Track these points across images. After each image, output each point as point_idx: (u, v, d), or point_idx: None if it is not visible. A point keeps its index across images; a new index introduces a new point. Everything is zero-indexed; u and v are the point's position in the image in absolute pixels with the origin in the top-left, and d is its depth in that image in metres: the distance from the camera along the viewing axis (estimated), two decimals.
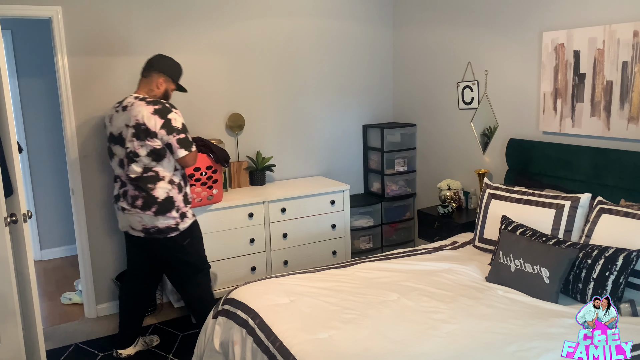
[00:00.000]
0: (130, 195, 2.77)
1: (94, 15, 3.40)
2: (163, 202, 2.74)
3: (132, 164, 2.72)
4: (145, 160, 2.71)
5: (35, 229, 4.78)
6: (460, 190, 3.86)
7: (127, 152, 2.73)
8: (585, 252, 2.45)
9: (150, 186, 2.72)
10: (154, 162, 2.72)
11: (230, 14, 3.81)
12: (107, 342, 3.29)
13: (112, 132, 2.83)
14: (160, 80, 2.86)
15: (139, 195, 2.74)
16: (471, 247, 3.16)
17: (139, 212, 2.74)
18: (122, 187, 2.83)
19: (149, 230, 2.78)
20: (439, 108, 4.12)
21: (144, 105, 2.71)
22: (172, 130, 2.70)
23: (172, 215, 2.76)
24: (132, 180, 2.75)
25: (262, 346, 2.19)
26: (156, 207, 2.73)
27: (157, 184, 2.73)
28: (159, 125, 2.68)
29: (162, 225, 2.76)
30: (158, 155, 2.71)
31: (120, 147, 2.77)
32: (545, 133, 3.33)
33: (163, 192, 2.74)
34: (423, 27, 4.18)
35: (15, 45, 4.52)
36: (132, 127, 2.70)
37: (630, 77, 2.81)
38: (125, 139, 2.73)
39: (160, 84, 2.86)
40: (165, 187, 2.74)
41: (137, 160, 2.71)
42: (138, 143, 2.69)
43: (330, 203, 3.84)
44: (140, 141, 2.69)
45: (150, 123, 2.67)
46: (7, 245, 2.32)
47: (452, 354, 1.97)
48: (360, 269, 2.84)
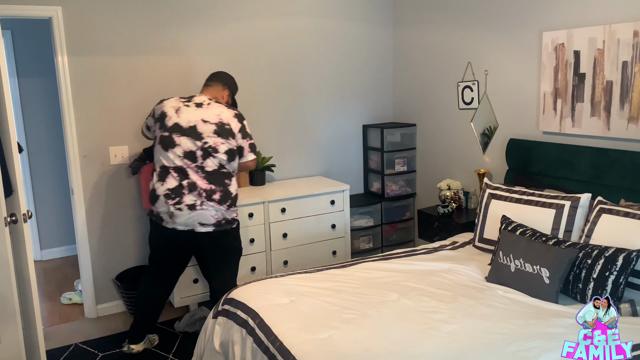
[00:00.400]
0: (204, 189, 2.83)
1: (94, 15, 3.40)
2: (234, 197, 2.96)
3: (207, 158, 2.85)
4: (222, 157, 2.87)
5: (35, 229, 4.78)
6: (460, 190, 3.86)
7: (205, 146, 2.84)
8: (585, 252, 2.45)
9: (227, 182, 2.91)
10: (227, 161, 2.90)
11: (230, 14, 3.81)
12: (107, 342, 3.29)
13: (178, 123, 2.87)
14: (225, 93, 3.13)
15: (216, 189, 2.85)
16: (471, 247, 3.16)
17: (216, 206, 2.85)
18: (183, 179, 2.83)
19: (220, 223, 2.90)
20: (439, 108, 4.12)
21: (224, 108, 2.95)
22: (246, 135, 2.97)
23: (234, 208, 2.99)
24: (207, 174, 2.85)
25: (262, 346, 2.19)
26: (230, 201, 2.92)
27: (232, 180, 2.95)
28: (237, 128, 2.92)
29: (230, 217, 2.96)
30: (232, 155, 2.92)
31: (191, 140, 2.84)
32: (545, 133, 3.33)
33: (234, 188, 2.96)
34: (423, 27, 4.18)
35: (15, 45, 4.52)
36: (214, 124, 2.87)
37: (630, 77, 2.81)
38: (201, 134, 2.85)
39: (224, 96, 3.13)
40: (235, 184, 2.97)
41: (215, 155, 2.86)
42: (220, 140, 2.86)
43: (330, 203, 3.84)
44: (222, 139, 2.87)
45: (232, 124, 2.91)
46: (7, 245, 2.32)
47: (452, 354, 1.97)
48: (360, 269, 2.84)
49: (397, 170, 4.37)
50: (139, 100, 3.60)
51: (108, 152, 3.56)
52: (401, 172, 4.39)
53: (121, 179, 3.62)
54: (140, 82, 3.59)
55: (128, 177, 3.64)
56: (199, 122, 2.86)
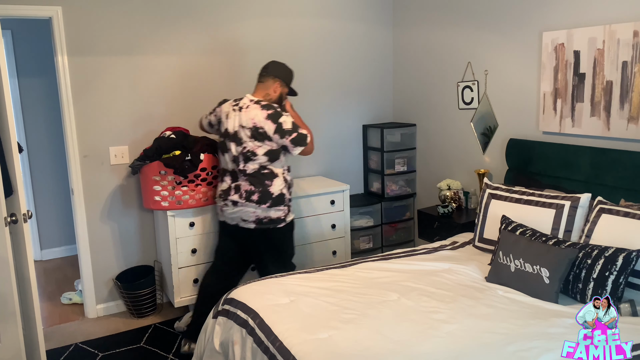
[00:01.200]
0: (245, 190, 2.97)
1: (94, 15, 3.40)
2: (277, 197, 2.99)
3: (248, 162, 2.97)
4: (262, 159, 2.97)
5: (35, 229, 4.78)
6: (460, 190, 3.86)
7: (244, 151, 2.96)
8: (585, 252, 2.45)
9: (267, 182, 2.97)
10: (269, 162, 2.98)
11: (230, 14, 3.81)
12: (107, 342, 3.29)
13: (227, 128, 3.04)
14: (276, 85, 3.10)
15: (254, 190, 2.97)
16: (471, 247, 3.16)
17: (254, 205, 2.97)
18: (234, 181, 3.02)
19: (261, 221, 3.00)
20: (439, 108, 4.12)
21: (259, 109, 2.96)
22: (285, 133, 2.94)
23: (281, 208, 3.02)
24: (248, 176, 2.98)
25: (262, 346, 2.19)
26: (270, 201, 2.98)
27: (274, 181, 2.99)
28: (272, 130, 2.93)
29: (274, 215, 3.01)
30: (274, 155, 2.98)
31: (235, 145, 2.99)
32: (545, 133, 3.33)
33: (277, 188, 2.99)
34: (423, 27, 4.18)
35: (15, 45, 4.52)
36: (249, 129, 2.95)
37: (630, 77, 2.81)
38: (241, 139, 2.97)
39: (276, 88, 3.10)
40: (280, 184, 3.01)
41: (254, 159, 2.96)
42: (256, 144, 2.95)
43: (330, 203, 3.84)
44: (258, 142, 2.95)
45: (266, 127, 2.93)
46: (7, 245, 2.32)
47: (452, 354, 1.97)
48: (360, 269, 2.84)
49: (397, 170, 4.37)
50: (139, 100, 3.60)
51: (108, 152, 3.56)
52: (401, 172, 4.39)
53: (121, 179, 3.62)
54: (140, 82, 3.59)
55: (128, 177, 3.64)
56: (238, 128, 2.99)
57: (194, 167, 3.27)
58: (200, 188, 3.32)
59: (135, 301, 3.57)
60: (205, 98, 3.80)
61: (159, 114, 3.67)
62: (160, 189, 3.28)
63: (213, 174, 3.36)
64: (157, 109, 3.66)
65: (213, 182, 3.37)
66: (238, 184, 3.00)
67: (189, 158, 3.26)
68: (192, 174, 3.29)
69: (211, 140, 3.44)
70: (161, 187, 3.28)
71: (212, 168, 3.35)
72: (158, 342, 3.27)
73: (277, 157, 2.99)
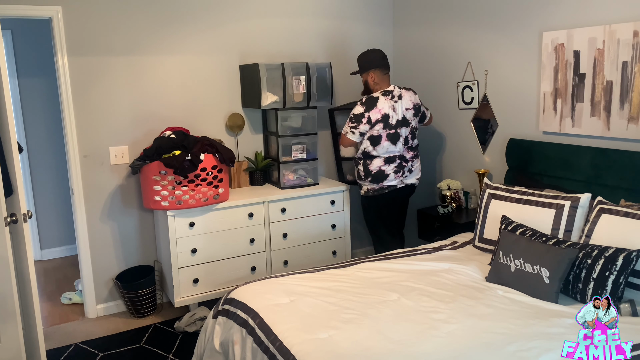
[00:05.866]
0: (410, 159, 3.58)
1: (94, 15, 3.40)
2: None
3: (415, 138, 3.60)
4: (415, 132, 3.61)
5: (35, 229, 4.78)
6: (460, 190, 3.86)
7: (413, 129, 3.55)
8: (585, 252, 2.45)
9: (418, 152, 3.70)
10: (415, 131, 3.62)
11: (231, 14, 3.81)
12: (107, 342, 3.29)
13: (398, 119, 3.47)
14: (375, 74, 3.52)
15: (415, 158, 3.63)
16: (471, 247, 3.16)
17: (417, 168, 3.66)
18: (401, 161, 3.54)
19: (414, 185, 3.68)
20: (439, 108, 4.12)
21: (408, 92, 3.54)
22: (421, 104, 3.67)
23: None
24: (412, 149, 3.58)
25: (262, 346, 2.19)
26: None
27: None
28: (419, 103, 3.64)
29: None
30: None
31: (405, 128, 3.50)
32: (545, 133, 3.33)
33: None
34: (423, 27, 4.18)
35: (15, 45, 4.52)
36: (412, 109, 3.52)
37: (630, 77, 2.81)
38: (408, 120, 3.50)
39: (374, 77, 3.53)
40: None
41: (416, 133, 3.63)
42: (416, 120, 3.58)
43: (330, 203, 3.83)
44: (416, 118, 3.57)
45: (418, 103, 3.60)
46: (7, 245, 2.33)
47: (452, 354, 1.97)
48: (360, 269, 2.84)
49: None
50: (139, 100, 3.60)
51: (108, 152, 3.56)
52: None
53: (121, 179, 3.62)
54: (140, 82, 3.59)
55: (128, 177, 3.64)
56: (405, 111, 3.49)
57: (194, 167, 3.27)
58: (200, 188, 3.32)
59: (135, 301, 3.57)
60: (205, 98, 3.81)
61: (159, 114, 3.67)
62: (160, 189, 3.28)
63: (213, 174, 3.36)
64: (157, 109, 3.66)
65: (213, 182, 3.37)
66: (405, 158, 3.55)
67: (189, 158, 3.27)
68: (192, 174, 3.29)
69: (211, 141, 3.44)
70: (161, 187, 3.28)
71: (212, 168, 3.35)
72: (158, 342, 3.27)
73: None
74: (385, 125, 3.43)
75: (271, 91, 3.64)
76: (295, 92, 3.71)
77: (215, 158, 3.37)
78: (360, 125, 3.44)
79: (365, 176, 3.53)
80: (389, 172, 3.51)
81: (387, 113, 3.43)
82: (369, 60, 3.53)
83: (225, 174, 3.45)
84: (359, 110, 3.44)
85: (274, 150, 3.91)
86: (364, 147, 3.50)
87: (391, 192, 3.57)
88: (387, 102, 3.43)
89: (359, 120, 3.43)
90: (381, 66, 3.51)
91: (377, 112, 3.41)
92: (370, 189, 3.56)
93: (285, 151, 3.78)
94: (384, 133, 3.44)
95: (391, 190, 3.56)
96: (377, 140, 3.45)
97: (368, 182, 3.54)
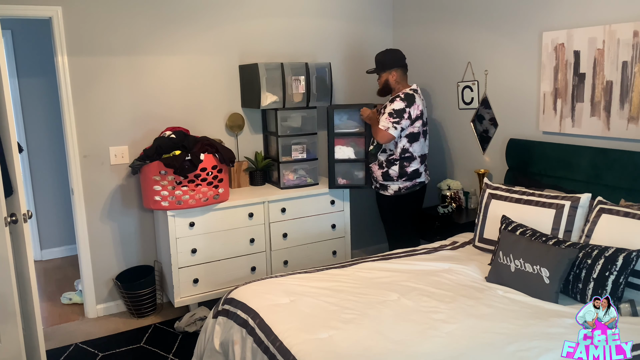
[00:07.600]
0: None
1: (94, 15, 3.40)
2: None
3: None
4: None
5: (35, 229, 4.78)
6: (460, 190, 3.86)
7: (426, 130, 3.59)
8: (585, 252, 2.45)
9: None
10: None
11: (231, 14, 3.81)
12: (107, 342, 3.29)
13: (427, 116, 3.55)
14: (395, 73, 3.56)
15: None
16: (471, 247, 3.16)
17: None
18: (424, 160, 3.61)
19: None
20: (438, 108, 4.12)
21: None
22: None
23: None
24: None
25: (262, 346, 2.19)
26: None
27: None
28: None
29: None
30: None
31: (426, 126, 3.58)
32: (545, 133, 3.33)
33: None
34: (423, 27, 4.18)
35: (15, 45, 4.52)
36: (425, 109, 3.55)
37: (630, 77, 2.81)
38: (425, 120, 3.55)
39: (396, 77, 3.57)
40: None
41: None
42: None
43: (330, 203, 3.83)
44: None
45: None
46: (7, 245, 2.33)
47: (452, 354, 1.97)
48: (360, 269, 2.84)
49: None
50: (139, 100, 3.60)
51: (108, 152, 3.56)
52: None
53: (121, 179, 3.62)
54: (140, 82, 3.59)
55: (128, 177, 3.64)
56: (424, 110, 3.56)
57: (194, 167, 3.27)
58: (200, 188, 3.32)
59: (135, 301, 3.57)
60: (204, 98, 3.81)
61: (159, 114, 3.67)
62: (160, 189, 3.28)
63: (213, 174, 3.36)
64: (157, 109, 3.66)
65: (213, 182, 3.37)
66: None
67: (189, 158, 3.27)
68: (192, 174, 3.29)
69: (211, 141, 3.44)
70: (161, 187, 3.28)
71: (212, 168, 3.35)
72: (158, 342, 3.27)
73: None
74: (423, 122, 3.49)
75: (271, 91, 3.64)
76: (295, 92, 3.71)
77: (215, 158, 3.38)
78: (402, 121, 3.38)
79: (400, 176, 3.51)
80: (422, 171, 3.58)
81: (423, 110, 3.48)
82: (391, 59, 3.54)
83: (225, 174, 3.45)
84: (400, 106, 3.39)
85: (273, 150, 3.90)
86: (402, 145, 3.46)
87: (422, 188, 3.64)
88: (420, 100, 3.47)
89: (400, 116, 3.38)
90: (403, 65, 3.56)
91: (416, 109, 3.42)
92: (402, 187, 3.54)
93: (285, 151, 3.78)
94: (422, 130, 3.49)
95: (422, 187, 3.63)
96: (416, 137, 3.46)
97: (401, 182, 3.52)
